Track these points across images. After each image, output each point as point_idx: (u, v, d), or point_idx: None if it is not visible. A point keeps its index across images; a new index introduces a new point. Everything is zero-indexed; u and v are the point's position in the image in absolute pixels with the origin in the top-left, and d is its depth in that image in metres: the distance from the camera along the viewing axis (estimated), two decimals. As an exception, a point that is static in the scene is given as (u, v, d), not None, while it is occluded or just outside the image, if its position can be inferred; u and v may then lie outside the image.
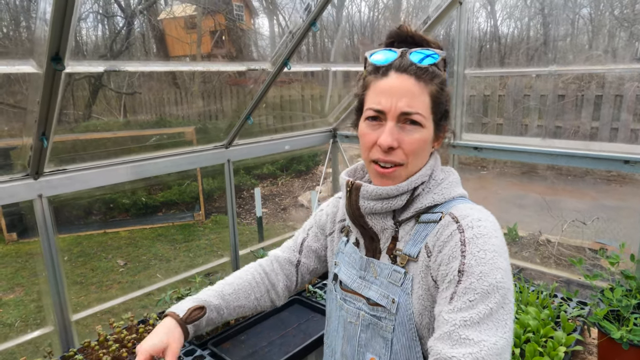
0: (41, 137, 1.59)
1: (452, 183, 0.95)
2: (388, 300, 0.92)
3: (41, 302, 4.53)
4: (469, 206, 0.90)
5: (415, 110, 0.86)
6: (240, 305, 1.13)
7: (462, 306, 0.77)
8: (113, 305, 2.36)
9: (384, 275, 0.94)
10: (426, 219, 0.92)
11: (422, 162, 0.92)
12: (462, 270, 0.80)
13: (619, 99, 5.06)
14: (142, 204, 6.64)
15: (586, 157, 1.99)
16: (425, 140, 0.89)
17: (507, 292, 0.78)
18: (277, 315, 2.20)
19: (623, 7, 5.31)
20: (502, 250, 0.83)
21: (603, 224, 4.31)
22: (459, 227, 0.84)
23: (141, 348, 0.95)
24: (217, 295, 1.10)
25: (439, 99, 0.90)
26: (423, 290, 0.88)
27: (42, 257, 1.86)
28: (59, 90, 1.44)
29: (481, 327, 0.75)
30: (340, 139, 3.06)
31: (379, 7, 5.92)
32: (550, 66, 2.63)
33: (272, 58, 2.07)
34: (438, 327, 0.80)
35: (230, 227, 2.58)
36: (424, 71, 0.87)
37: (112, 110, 7.28)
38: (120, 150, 2.14)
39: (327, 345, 1.10)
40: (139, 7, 6.71)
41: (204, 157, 2.38)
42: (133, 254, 5.61)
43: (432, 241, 0.88)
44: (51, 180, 1.82)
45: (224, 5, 7.32)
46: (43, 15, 1.26)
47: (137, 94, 7.51)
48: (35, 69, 1.37)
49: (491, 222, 0.86)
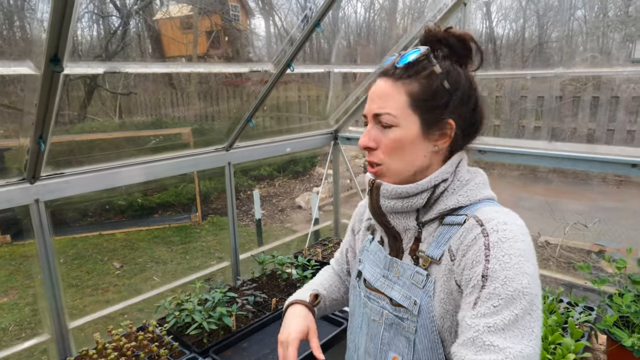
0: (38, 141, 1.55)
1: (478, 185, 0.92)
2: (410, 302, 0.91)
3: (36, 306, 4.46)
4: (495, 209, 0.87)
5: (385, 111, 0.89)
6: (335, 298, 1.26)
7: (485, 312, 0.75)
8: (111, 312, 2.31)
9: (406, 276, 0.93)
10: (450, 221, 0.90)
11: (410, 159, 0.90)
12: (485, 275, 0.78)
13: (615, 101, 5.08)
14: (138, 206, 6.57)
15: (593, 160, 1.97)
16: (400, 139, 0.89)
17: (533, 298, 0.76)
18: (279, 321, 2.15)
19: (617, 8, 5.34)
20: (529, 255, 0.80)
21: (604, 226, 4.31)
22: (483, 231, 0.82)
23: (289, 337, 1.02)
24: (321, 287, 1.23)
25: (424, 94, 0.88)
26: (445, 294, 0.87)
27: (39, 262, 1.81)
28: (57, 93, 1.39)
29: (506, 333, 0.73)
30: (341, 140, 3.03)
31: (374, 8, 5.90)
32: (546, 69, 2.63)
33: (274, 59, 2.03)
34: (461, 333, 0.78)
35: (230, 231, 2.53)
36: (403, 70, 0.89)
37: (107, 111, 7.21)
38: (119, 153, 2.09)
39: (351, 340, 1.10)
40: (134, 7, 6.65)
41: (204, 159, 2.33)
42: (129, 257, 5.55)
43: (456, 244, 0.86)
44: (48, 184, 1.77)
45: (219, 6, 7.27)
46: (41, 15, 1.21)
47: (132, 94, 7.45)
48: (32, 70, 1.33)
49: (518, 225, 0.84)
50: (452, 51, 0.91)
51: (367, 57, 3.37)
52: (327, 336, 1.97)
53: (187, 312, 2.00)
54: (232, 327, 2.01)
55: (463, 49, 0.91)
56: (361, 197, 3.29)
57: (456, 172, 0.93)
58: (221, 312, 1.98)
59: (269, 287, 2.42)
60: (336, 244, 2.92)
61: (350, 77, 2.94)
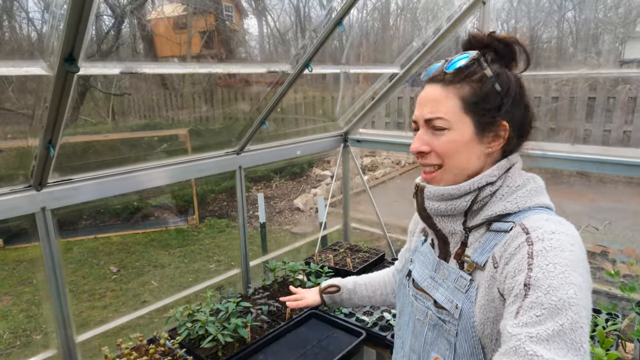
0: (47, 145, 1.45)
1: (530, 191, 0.90)
2: (452, 305, 0.91)
3: (31, 312, 4.33)
4: (545, 217, 0.84)
5: (437, 115, 0.90)
6: (368, 295, 1.40)
7: (528, 321, 0.72)
8: (119, 325, 2.21)
9: (451, 280, 0.94)
10: (497, 227, 0.89)
11: (464, 162, 0.91)
12: (528, 283, 0.75)
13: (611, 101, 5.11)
14: (134, 208, 6.45)
15: (619, 164, 1.92)
16: (454, 141, 0.90)
17: (581, 310, 0.71)
18: (294, 332, 2.08)
19: (607, 9, 5.36)
20: (577, 265, 0.76)
21: (606, 227, 4.29)
22: (527, 239, 0.80)
23: (296, 289, 1.50)
24: (353, 282, 1.42)
25: (476, 97, 0.89)
26: (486, 301, 0.86)
27: (45, 272, 1.71)
28: (69, 94, 1.30)
29: (550, 345, 0.69)
30: (351, 143, 2.96)
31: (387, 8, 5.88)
32: (537, 70, 2.60)
33: (291, 59, 1.95)
34: (504, 342, 0.75)
35: (241, 237, 2.44)
36: (453, 75, 0.90)
37: (100, 112, 7.06)
38: (127, 158, 1.99)
39: (398, 337, 1.12)
40: (128, 7, 6.51)
41: (213, 164, 2.24)
42: (126, 260, 5.42)
43: (500, 252, 0.85)
44: (55, 191, 1.68)
45: (214, 5, 7.17)
46: (56, 12, 1.12)
47: (125, 95, 7.32)
48: (45, 70, 1.23)
49: (568, 235, 0.80)
50: (498, 55, 0.92)
51: (375, 58, 3.30)
52: (347, 346, 1.91)
53: (200, 323, 1.92)
54: (247, 339, 1.93)
55: (508, 52, 0.91)
56: (371, 199, 3.22)
57: (506, 177, 0.91)
58: (236, 324, 1.90)
59: (281, 294, 2.34)
60: (347, 249, 2.85)
61: (362, 78, 2.87)
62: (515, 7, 6.26)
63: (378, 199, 3.27)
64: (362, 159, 8.32)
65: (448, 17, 2.24)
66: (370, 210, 3.32)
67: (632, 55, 4.46)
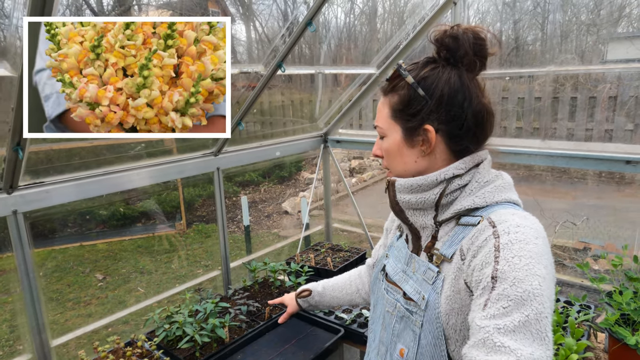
0: (15, 148, 1.45)
1: (498, 187, 0.92)
2: (419, 296, 0.94)
3: (14, 322, 4.27)
4: (511, 212, 0.87)
5: (377, 123, 1.01)
6: (336, 296, 1.50)
7: (495, 313, 0.75)
8: (96, 327, 2.20)
9: (420, 272, 0.97)
10: (465, 221, 0.91)
11: (401, 165, 0.98)
12: (495, 276, 0.78)
13: (592, 100, 5.20)
14: (120, 215, 6.39)
15: (587, 158, 1.97)
16: (389, 147, 0.98)
17: (545, 300, 0.74)
18: (273, 331, 2.08)
19: (589, 12, 5.47)
20: (541, 257, 0.79)
21: (587, 223, 4.36)
22: (494, 233, 0.83)
23: (275, 300, 1.78)
24: (322, 285, 1.55)
25: (401, 104, 0.94)
26: (452, 292, 0.88)
27: (17, 277, 1.70)
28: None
29: (517, 335, 0.72)
30: (331, 144, 2.98)
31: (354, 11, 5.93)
32: (523, 68, 2.65)
33: (264, 60, 1.97)
34: (472, 335, 0.77)
35: (220, 239, 2.45)
36: (387, 86, 0.98)
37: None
38: (101, 160, 1.99)
39: (371, 330, 1.16)
40: (112, 12, 6.49)
41: (191, 165, 2.25)
42: (112, 267, 5.38)
43: (467, 244, 0.87)
44: (27, 194, 1.67)
45: (200, 11, 7.18)
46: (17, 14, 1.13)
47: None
48: (9, 71, 1.24)
49: (532, 228, 0.83)
50: (449, 51, 0.90)
51: (354, 58, 3.34)
52: (325, 343, 1.92)
53: (177, 324, 1.91)
54: (225, 339, 1.93)
55: (455, 46, 0.89)
56: (353, 199, 3.25)
57: (475, 173, 0.93)
58: (214, 324, 1.90)
59: (262, 295, 2.35)
60: (328, 249, 2.87)
61: (339, 78, 2.90)
62: (487, 8, 6.30)
63: (365, 201, 3.30)
64: (350, 161, 8.35)
65: (421, 17, 2.28)
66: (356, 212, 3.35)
67: (614, 57, 4.55)
